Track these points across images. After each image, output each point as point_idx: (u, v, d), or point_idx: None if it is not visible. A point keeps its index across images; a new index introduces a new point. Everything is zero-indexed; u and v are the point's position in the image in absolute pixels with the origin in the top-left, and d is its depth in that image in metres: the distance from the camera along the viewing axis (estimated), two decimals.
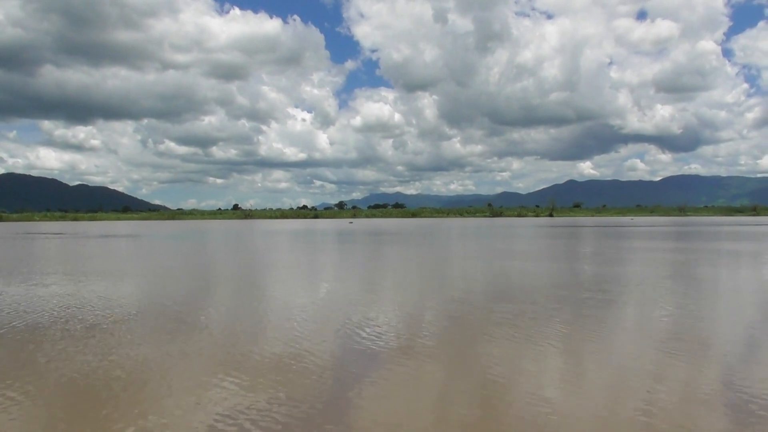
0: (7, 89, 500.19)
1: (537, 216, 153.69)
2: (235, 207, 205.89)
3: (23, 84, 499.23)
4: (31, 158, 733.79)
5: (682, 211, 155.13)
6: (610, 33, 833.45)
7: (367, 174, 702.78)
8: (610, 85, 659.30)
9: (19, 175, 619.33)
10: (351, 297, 11.63)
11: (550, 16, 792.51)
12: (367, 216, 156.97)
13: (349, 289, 12.85)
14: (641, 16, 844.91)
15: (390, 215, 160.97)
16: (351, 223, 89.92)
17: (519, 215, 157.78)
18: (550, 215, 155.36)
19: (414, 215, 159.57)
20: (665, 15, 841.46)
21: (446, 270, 17.56)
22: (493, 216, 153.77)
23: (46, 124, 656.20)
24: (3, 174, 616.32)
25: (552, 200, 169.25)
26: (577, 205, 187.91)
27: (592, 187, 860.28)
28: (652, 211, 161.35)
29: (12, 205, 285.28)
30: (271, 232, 52.60)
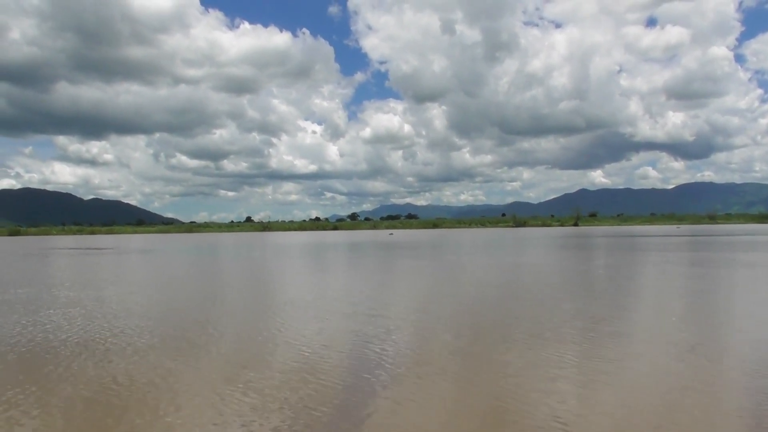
0: (23, 106, 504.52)
1: (562, 225, 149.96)
2: (248, 219, 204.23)
3: (38, 101, 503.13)
4: (46, 173, 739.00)
5: (711, 219, 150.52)
6: (619, 40, 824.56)
7: (377, 185, 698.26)
8: (621, 93, 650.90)
9: (35, 189, 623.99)
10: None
11: (558, 25, 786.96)
12: (386, 227, 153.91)
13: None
14: (651, 22, 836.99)
15: (410, 226, 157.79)
16: (391, 234, 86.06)
17: (543, 225, 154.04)
18: (575, 224, 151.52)
19: (435, 226, 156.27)
20: (675, 21, 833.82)
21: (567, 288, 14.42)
22: (517, 226, 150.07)
23: (61, 140, 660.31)
24: (20, 189, 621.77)
25: (577, 209, 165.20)
26: (593, 215, 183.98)
27: (604, 195, 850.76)
28: (681, 219, 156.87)
29: (28, 219, 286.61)
30: (314, 246, 49.60)
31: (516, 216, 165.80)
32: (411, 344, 8.36)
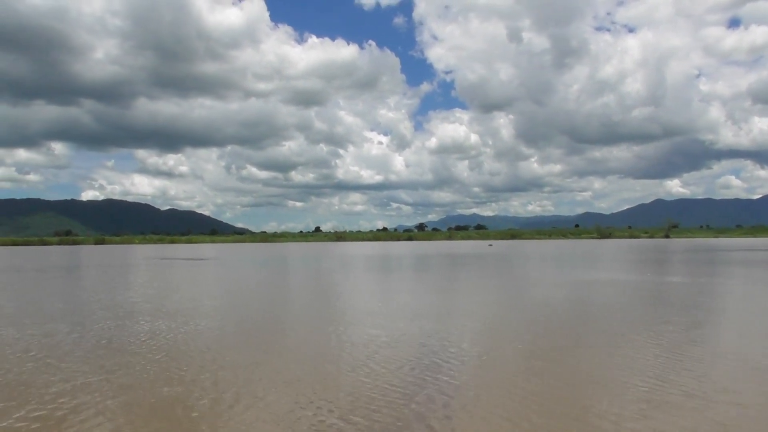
0: (107, 122, 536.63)
1: (651, 237, 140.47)
2: (317, 229, 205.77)
3: (120, 116, 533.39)
4: (126, 185, 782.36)
5: None
6: (697, 43, 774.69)
7: (443, 195, 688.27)
8: (700, 98, 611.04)
9: (117, 200, 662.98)
10: None
11: (631, 30, 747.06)
12: (462, 238, 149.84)
13: None
14: (733, 23, 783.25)
15: (487, 236, 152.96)
16: (490, 245, 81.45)
17: (631, 236, 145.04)
18: (666, 236, 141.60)
19: (513, 236, 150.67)
20: (761, 21, 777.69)
21: None
22: (602, 237, 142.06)
23: (141, 153, 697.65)
24: (103, 200, 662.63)
25: (668, 220, 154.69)
26: (674, 226, 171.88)
27: (682, 206, 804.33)
28: None
29: (111, 229, 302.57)
30: (414, 258, 46.79)
31: (600, 227, 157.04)
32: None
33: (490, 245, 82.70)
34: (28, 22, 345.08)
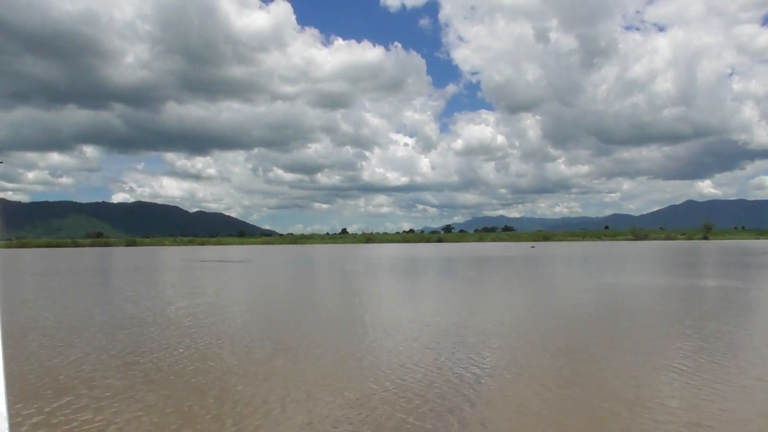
0: (137, 125, 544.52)
1: (689, 239, 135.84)
2: (343, 231, 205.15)
3: (150, 120, 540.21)
4: (155, 187, 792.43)
5: None
6: (730, 42, 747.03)
7: (469, 197, 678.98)
8: (733, 98, 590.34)
9: (146, 203, 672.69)
10: None
11: (661, 28, 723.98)
12: (493, 239, 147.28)
13: None
14: None
15: (518, 238, 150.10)
16: (533, 247, 79.34)
17: (667, 238, 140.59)
18: (705, 238, 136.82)
19: (545, 238, 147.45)
20: None
21: None
22: (637, 239, 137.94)
23: (170, 156, 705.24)
24: (133, 202, 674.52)
25: (707, 221, 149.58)
26: (708, 227, 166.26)
27: (714, 207, 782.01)
28: None
29: (140, 231, 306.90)
30: (464, 261, 45.13)
31: (636, 228, 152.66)
32: None
33: (533, 247, 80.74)
34: (60, 28, 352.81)
